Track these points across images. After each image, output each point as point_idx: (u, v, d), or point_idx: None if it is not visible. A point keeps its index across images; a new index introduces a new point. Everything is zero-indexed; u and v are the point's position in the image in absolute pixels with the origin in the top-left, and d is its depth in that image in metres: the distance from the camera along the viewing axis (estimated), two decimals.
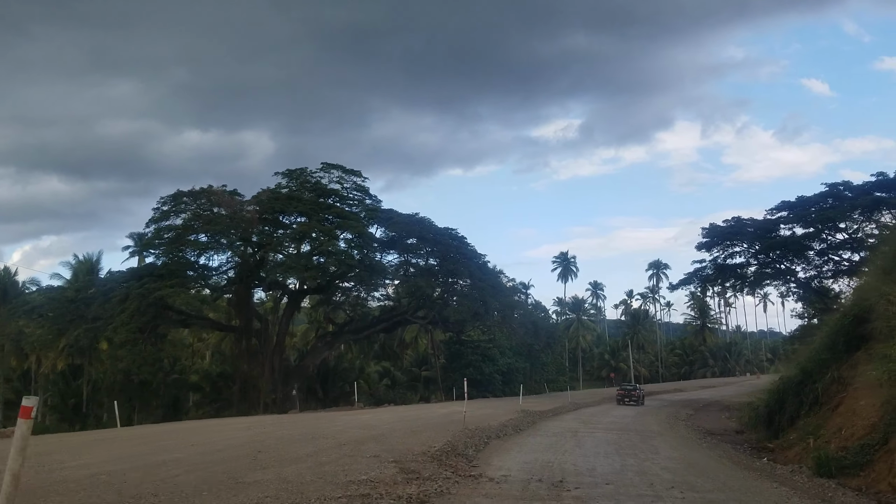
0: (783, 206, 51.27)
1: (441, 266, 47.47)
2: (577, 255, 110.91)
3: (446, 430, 19.73)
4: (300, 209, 45.74)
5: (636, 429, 26.96)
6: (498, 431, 21.35)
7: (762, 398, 24.23)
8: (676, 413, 42.68)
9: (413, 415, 28.97)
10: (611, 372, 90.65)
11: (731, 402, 54.38)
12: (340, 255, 44.35)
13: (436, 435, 18.27)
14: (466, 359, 68.98)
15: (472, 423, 22.67)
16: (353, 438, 17.37)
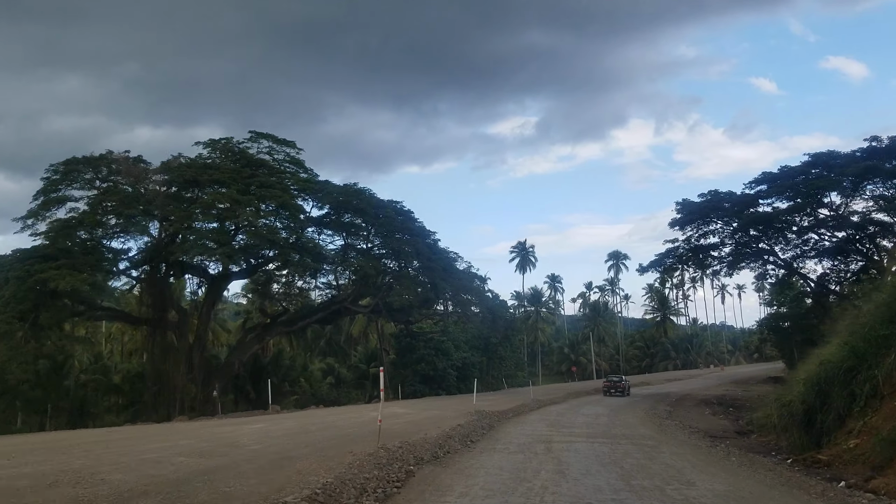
0: (764, 178, 45.52)
1: (385, 244, 40.21)
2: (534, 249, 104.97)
3: (346, 452, 12.85)
4: (216, 178, 38.10)
5: (623, 434, 20.40)
6: (436, 448, 14.50)
7: (796, 391, 17.76)
8: (653, 409, 36.68)
9: (322, 423, 21.76)
10: (572, 365, 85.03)
11: (704, 396, 49.38)
12: (264, 231, 36.78)
13: (319, 465, 11.20)
14: (418, 353, 62.05)
15: (401, 433, 15.85)
16: (137, 485, 9.84)
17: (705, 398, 47.44)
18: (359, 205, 38.99)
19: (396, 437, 15.06)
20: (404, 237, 39.69)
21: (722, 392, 55.64)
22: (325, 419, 23.04)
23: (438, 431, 17.22)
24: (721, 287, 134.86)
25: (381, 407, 14.87)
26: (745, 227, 47.08)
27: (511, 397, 42.43)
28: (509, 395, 46.18)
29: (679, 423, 27.33)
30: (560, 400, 41.91)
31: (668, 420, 28.67)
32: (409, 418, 22.67)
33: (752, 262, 49.34)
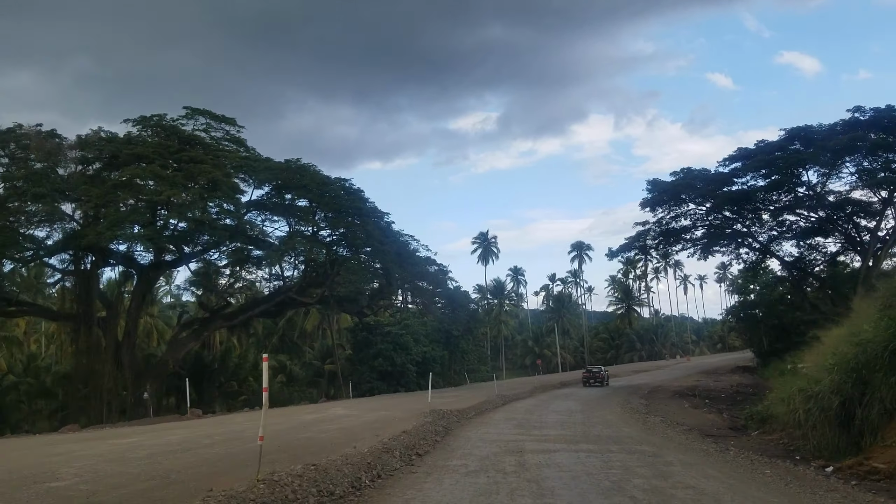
0: (740, 154, 42.30)
1: (332, 226, 35.55)
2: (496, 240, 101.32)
3: (201, 490, 8.41)
4: (138, 153, 33.17)
5: (608, 436, 16.61)
6: (361, 471, 10.30)
7: (827, 379, 14.08)
8: (628, 403, 33.36)
9: (226, 433, 16.95)
10: (537, 358, 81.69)
11: (677, 388, 46.87)
12: (193, 212, 31.90)
13: None
14: (375, 348, 57.84)
15: (320, 448, 11.75)
16: None
17: (678, 390, 44.62)
18: (302, 181, 34.38)
19: (309, 455, 10.94)
20: (354, 218, 35.16)
21: (693, 383, 52.88)
22: (234, 428, 18.50)
23: (375, 442, 13.13)
24: (684, 278, 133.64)
25: (264, 418, 10.42)
26: (719, 207, 43.92)
27: (474, 393, 38.58)
28: (472, 391, 42.34)
29: (663, 419, 23.74)
30: (526, 395, 38.19)
31: (650, 416, 25.06)
32: (345, 423, 18.57)
33: (727, 244, 46.17)
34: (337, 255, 36.94)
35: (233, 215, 35.84)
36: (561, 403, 32.10)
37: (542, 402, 32.48)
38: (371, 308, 44.04)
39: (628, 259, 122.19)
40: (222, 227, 32.51)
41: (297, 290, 38.62)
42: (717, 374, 64.14)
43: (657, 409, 30.26)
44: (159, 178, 31.21)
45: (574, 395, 39.94)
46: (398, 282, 40.30)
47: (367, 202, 37.19)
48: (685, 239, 46.01)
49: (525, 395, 37.49)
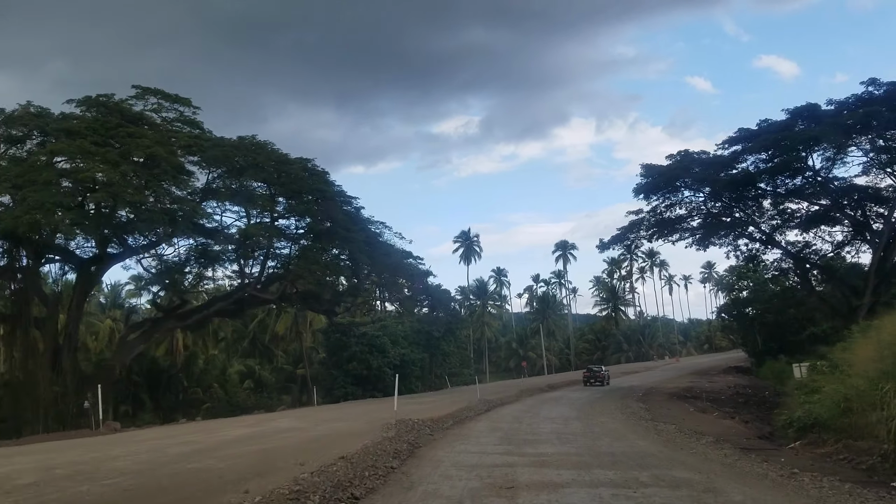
0: (741, 136, 38.52)
1: (291, 210, 30.88)
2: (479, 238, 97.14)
3: None
4: (70, 128, 28.46)
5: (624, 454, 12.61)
6: None
7: None
8: (627, 407, 29.59)
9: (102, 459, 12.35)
10: (522, 360, 77.77)
11: (672, 389, 41.30)
12: (128, 193, 27.06)
13: None
14: (349, 351, 53.55)
15: (192, 487, 7.32)
16: None
17: (674, 391, 41.16)
18: (256, 160, 29.80)
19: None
20: (316, 201, 30.54)
21: (687, 384, 49.31)
22: (114, 452, 13.81)
23: (288, 478, 8.83)
24: (668, 278, 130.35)
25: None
26: (719, 193, 40.16)
27: (454, 398, 34.49)
28: (452, 396, 38.22)
29: (676, 426, 19.72)
30: (513, 399, 34.10)
31: (659, 423, 21.08)
32: (277, 441, 14.39)
33: (726, 234, 42.36)
34: (300, 245, 32.49)
35: (182, 202, 31.24)
36: (552, 409, 28.07)
37: (530, 408, 28.42)
38: (342, 306, 39.69)
39: (613, 259, 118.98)
40: (162, 212, 27.87)
41: (257, 286, 34.11)
42: (709, 375, 60.51)
43: (661, 413, 26.33)
44: (86, 153, 26.58)
45: (564, 398, 35.97)
46: (368, 274, 35.91)
47: (332, 185, 32.76)
48: (681, 228, 42.12)
49: (511, 400, 33.40)
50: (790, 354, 62.53)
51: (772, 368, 60.23)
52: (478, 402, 29.04)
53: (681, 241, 41.86)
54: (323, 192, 30.92)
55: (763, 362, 65.72)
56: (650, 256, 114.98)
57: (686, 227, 42.15)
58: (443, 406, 26.31)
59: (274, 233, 32.29)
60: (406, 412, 20.60)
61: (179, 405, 47.17)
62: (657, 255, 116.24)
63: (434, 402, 29.81)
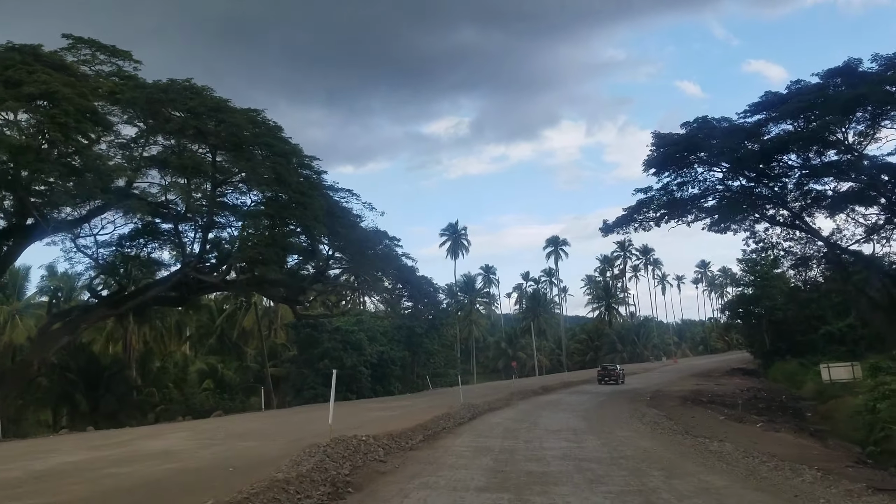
0: (766, 101, 32.90)
1: (231, 164, 24.17)
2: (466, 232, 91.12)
3: None
4: None
5: (683, 494, 6.46)
6: None
7: None
8: (642, 414, 24.29)
9: None
10: (512, 360, 72.12)
11: (679, 392, 36.87)
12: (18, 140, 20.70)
13: None
14: (321, 347, 47.65)
15: None
16: None
17: (685, 395, 35.01)
18: (187, 105, 23.45)
19: None
20: (259, 153, 23.94)
21: (693, 386, 44.38)
22: None
23: None
24: (661, 277, 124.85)
25: None
26: (741, 168, 34.52)
27: (433, 401, 28.67)
28: (433, 399, 32.41)
29: (734, 446, 13.96)
30: (503, 403, 28.32)
31: (700, 438, 15.38)
32: (106, 481, 8.48)
33: (746, 215, 36.71)
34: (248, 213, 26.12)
35: (94, 158, 24.60)
36: (553, 416, 22.33)
37: (526, 415, 22.64)
38: (309, 296, 33.68)
39: (605, 257, 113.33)
40: (61, 164, 21.65)
41: (197, 267, 27.88)
42: (713, 377, 55.11)
43: (690, 423, 20.78)
44: None
45: (563, 403, 30.30)
46: (331, 254, 29.84)
47: (286, 143, 26.41)
48: (696, 208, 36.44)
49: (501, 404, 27.61)
50: (800, 355, 57.37)
51: (782, 370, 54.89)
52: (461, 407, 23.21)
53: (696, 221, 36.16)
54: (270, 145, 24.60)
55: (771, 364, 60.41)
56: (644, 253, 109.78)
57: (702, 207, 36.49)
58: (416, 413, 20.53)
59: (211, 199, 25.90)
60: (362, 423, 14.83)
61: (123, 407, 41.01)
62: (651, 253, 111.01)
63: (407, 408, 24.03)
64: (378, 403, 28.45)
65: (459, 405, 24.04)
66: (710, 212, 36.22)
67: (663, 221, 37.31)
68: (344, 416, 17.16)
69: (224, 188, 25.87)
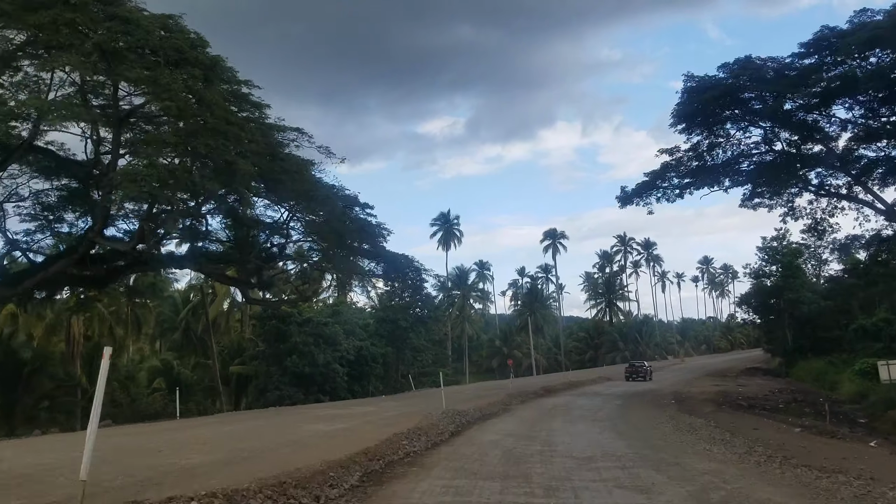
0: (820, 37, 26.03)
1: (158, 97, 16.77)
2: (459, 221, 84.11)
3: None
4: None
5: None
6: None
7: None
8: (691, 427, 18.15)
9: None
10: (508, 358, 65.64)
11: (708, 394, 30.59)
12: None
13: None
14: (290, 342, 41.06)
15: None
16: None
17: (710, 397, 29.16)
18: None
19: None
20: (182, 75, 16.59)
21: (714, 387, 36.50)
22: None
23: None
24: (661, 274, 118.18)
25: None
26: (786, 123, 27.92)
27: (408, 406, 21.99)
28: (410, 403, 25.62)
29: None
30: (499, 409, 21.66)
31: (832, 475, 8.41)
32: None
33: (792, 180, 30.08)
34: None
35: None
36: (573, 431, 15.71)
37: (532, 428, 15.97)
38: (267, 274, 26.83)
39: (605, 252, 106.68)
40: None
41: (102, 230, 20.72)
42: (731, 377, 48.56)
43: (770, 441, 14.13)
44: None
45: (574, 407, 23.76)
46: (283, 212, 22.79)
47: (235, 82, 19.27)
48: (730, 172, 29.81)
49: (497, 411, 20.92)
50: (824, 353, 50.97)
51: (807, 369, 48.39)
52: (441, 416, 16.43)
53: (733, 187, 29.53)
54: (182, 52, 17.21)
55: (794, 362, 54.08)
56: (646, 247, 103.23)
57: (738, 171, 29.88)
58: (373, 426, 13.90)
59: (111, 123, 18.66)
60: (269, 447, 8.12)
61: (50, 410, 34.19)
62: (653, 247, 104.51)
63: (366, 417, 17.38)
64: (333, 410, 21.86)
65: (440, 413, 17.30)
66: (749, 176, 29.57)
67: (692, 190, 30.68)
68: (257, 431, 10.46)
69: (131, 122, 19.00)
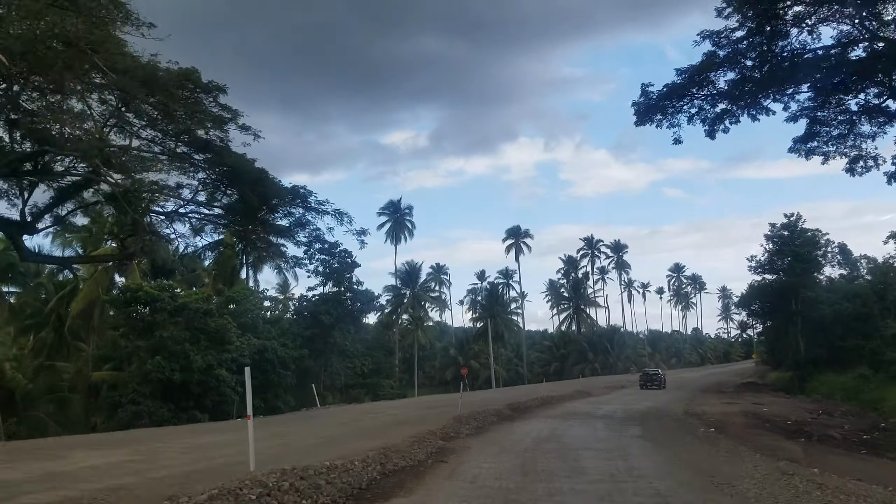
0: None
1: None
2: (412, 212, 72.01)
3: None
4: None
5: None
6: None
7: None
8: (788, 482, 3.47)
9: None
10: (462, 367, 54.12)
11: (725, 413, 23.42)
12: None
13: None
14: (154, 337, 28.94)
15: None
16: None
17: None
18: None
19: None
20: None
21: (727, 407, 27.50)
22: None
23: None
24: (628, 283, 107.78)
25: None
26: None
27: (205, 454, 9.95)
28: (233, 439, 13.62)
29: None
30: (424, 456, 9.85)
31: None
32: None
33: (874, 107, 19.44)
34: None
35: None
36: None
37: None
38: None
39: (570, 258, 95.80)
40: None
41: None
42: (729, 394, 38.04)
43: None
44: None
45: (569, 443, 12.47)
46: None
47: None
48: (799, 74, 18.99)
49: (413, 467, 9.07)
50: (845, 366, 41.42)
51: (832, 385, 38.26)
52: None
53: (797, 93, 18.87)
54: None
55: (809, 376, 43.81)
56: (616, 250, 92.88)
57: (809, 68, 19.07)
58: None
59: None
60: None
61: None
62: (623, 250, 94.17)
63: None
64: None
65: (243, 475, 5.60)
66: (830, 73, 18.71)
67: (742, 106, 19.73)
68: None
69: None
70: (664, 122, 19.37)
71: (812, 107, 21.57)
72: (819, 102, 21.27)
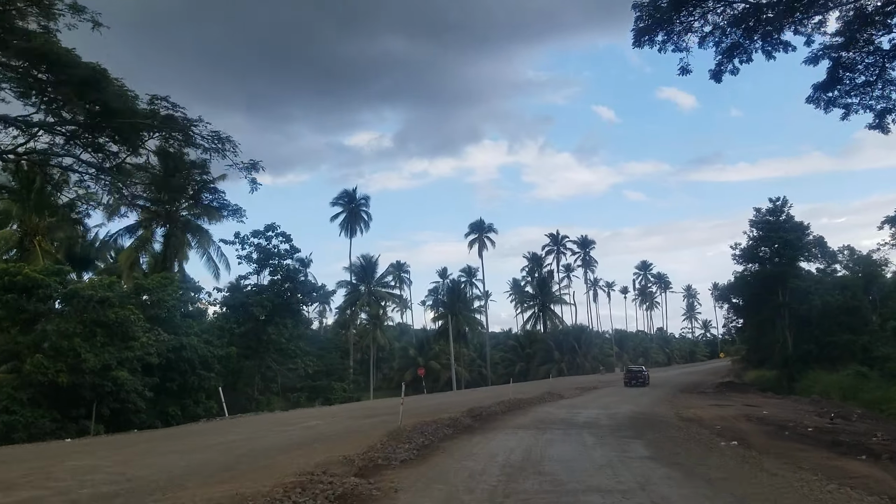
0: None
1: None
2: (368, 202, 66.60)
3: None
4: None
5: None
6: None
7: None
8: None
9: None
10: (419, 368, 49.17)
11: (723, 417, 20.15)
12: None
13: None
14: (35, 331, 23.43)
15: None
16: None
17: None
18: None
19: None
20: None
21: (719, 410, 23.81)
22: None
23: None
24: (593, 282, 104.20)
25: None
26: None
27: None
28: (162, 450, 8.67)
29: None
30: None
31: None
32: None
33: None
34: None
35: None
36: None
37: None
38: None
39: (535, 255, 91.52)
40: None
41: None
42: (712, 395, 33.72)
43: None
44: None
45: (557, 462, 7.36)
46: None
47: None
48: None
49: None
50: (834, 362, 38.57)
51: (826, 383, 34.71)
52: None
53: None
54: None
55: (798, 374, 40.16)
56: (583, 246, 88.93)
57: None
58: None
59: None
60: None
61: None
62: (591, 246, 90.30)
63: None
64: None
65: None
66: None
67: (764, 34, 15.39)
68: None
69: None
70: (668, 42, 14.84)
71: (836, 45, 17.47)
72: (846, 38, 17.16)
